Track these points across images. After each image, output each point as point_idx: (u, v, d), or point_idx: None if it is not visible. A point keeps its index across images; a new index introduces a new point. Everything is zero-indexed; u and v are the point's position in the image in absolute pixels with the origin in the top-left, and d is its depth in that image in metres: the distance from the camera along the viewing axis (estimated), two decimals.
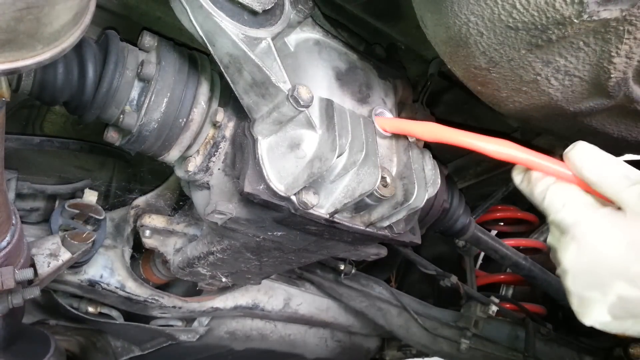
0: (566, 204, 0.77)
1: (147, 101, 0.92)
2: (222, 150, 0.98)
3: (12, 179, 1.23)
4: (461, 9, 0.74)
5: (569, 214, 0.76)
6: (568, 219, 0.76)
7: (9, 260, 0.89)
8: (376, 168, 0.91)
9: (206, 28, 0.84)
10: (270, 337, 1.96)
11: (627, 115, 0.84)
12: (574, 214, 0.76)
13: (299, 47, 1.01)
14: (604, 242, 0.73)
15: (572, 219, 0.76)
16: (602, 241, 0.73)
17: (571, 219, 0.76)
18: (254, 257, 1.14)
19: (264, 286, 1.76)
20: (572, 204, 0.77)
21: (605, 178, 0.75)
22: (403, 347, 2.36)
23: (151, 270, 1.48)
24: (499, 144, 0.83)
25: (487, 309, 1.93)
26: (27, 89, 0.85)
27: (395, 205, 0.96)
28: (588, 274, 0.75)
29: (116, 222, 1.41)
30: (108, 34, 0.93)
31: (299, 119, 0.89)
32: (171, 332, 1.67)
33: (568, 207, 0.77)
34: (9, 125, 0.77)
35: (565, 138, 1.04)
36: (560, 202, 0.78)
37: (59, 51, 0.60)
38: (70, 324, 1.64)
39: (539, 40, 0.72)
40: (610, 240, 0.72)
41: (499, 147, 0.83)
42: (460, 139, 0.87)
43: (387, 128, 1.01)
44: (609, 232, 0.73)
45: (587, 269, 0.75)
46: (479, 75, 0.85)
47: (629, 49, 0.68)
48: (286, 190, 0.89)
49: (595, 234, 0.74)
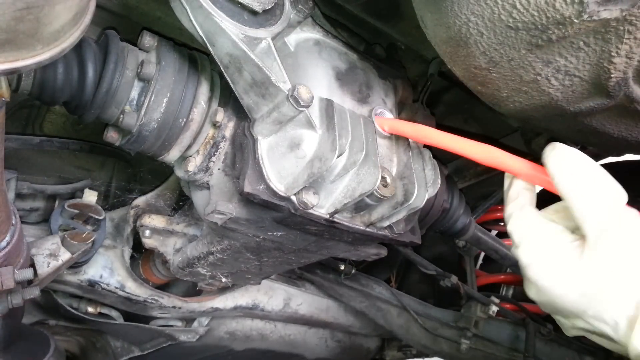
0: (522, 242, 0.75)
1: (147, 101, 0.92)
2: (222, 150, 0.98)
3: (12, 179, 1.23)
4: (461, 9, 0.74)
5: (524, 254, 0.74)
6: (523, 259, 0.74)
7: (9, 260, 0.89)
8: (376, 168, 0.91)
9: (206, 28, 0.84)
10: (270, 337, 1.96)
11: (627, 115, 0.84)
12: (528, 254, 0.74)
13: (299, 47, 1.01)
14: (557, 288, 0.71)
15: (526, 260, 0.74)
16: (555, 287, 0.71)
17: (526, 259, 0.74)
18: (254, 257, 1.14)
19: (264, 286, 1.76)
20: (528, 242, 0.74)
21: (577, 196, 0.70)
22: (403, 348, 2.36)
23: (151, 270, 1.48)
24: (485, 150, 0.83)
25: (487, 309, 1.93)
26: (27, 89, 0.85)
27: (395, 205, 0.96)
28: (551, 308, 0.75)
29: (116, 222, 1.41)
30: (108, 34, 0.93)
31: (299, 119, 0.89)
32: (171, 332, 1.67)
33: (524, 246, 0.75)
34: (9, 125, 0.77)
35: (566, 138, 1.04)
36: (518, 238, 0.76)
37: (59, 51, 0.60)
38: (70, 324, 1.64)
39: (539, 40, 0.72)
40: (564, 287, 0.70)
41: (484, 153, 0.83)
42: (445, 142, 0.87)
43: (385, 128, 1.01)
44: (562, 278, 0.70)
45: (549, 305, 0.75)
46: (479, 75, 0.85)
47: (629, 49, 0.68)
48: (286, 190, 0.89)
49: (549, 280, 0.72)
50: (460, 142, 0.86)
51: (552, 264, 0.72)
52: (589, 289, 0.68)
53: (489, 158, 0.82)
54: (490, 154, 0.82)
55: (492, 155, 0.82)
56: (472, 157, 0.84)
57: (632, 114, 0.82)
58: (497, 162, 0.82)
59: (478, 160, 0.84)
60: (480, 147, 0.84)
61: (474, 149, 0.84)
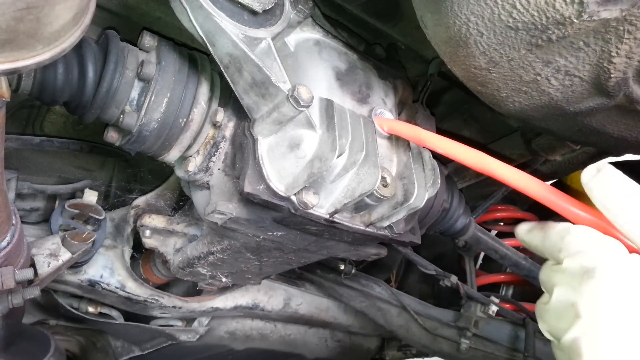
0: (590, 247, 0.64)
1: (147, 101, 0.92)
2: (222, 150, 0.98)
3: (12, 179, 1.23)
4: (461, 9, 0.74)
5: (594, 257, 0.63)
6: (592, 262, 0.62)
7: (9, 260, 0.89)
8: (376, 168, 0.91)
9: (206, 28, 0.84)
10: (270, 337, 1.96)
11: (627, 115, 0.84)
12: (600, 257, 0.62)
13: (299, 47, 1.01)
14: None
15: (597, 262, 0.62)
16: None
17: (596, 261, 0.62)
18: (254, 257, 1.14)
19: (264, 286, 1.76)
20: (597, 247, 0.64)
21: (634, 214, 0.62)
22: (403, 347, 2.36)
23: (151, 270, 1.48)
24: (476, 156, 0.82)
25: (487, 309, 1.92)
26: (27, 89, 0.85)
27: (395, 205, 0.96)
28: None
29: (116, 222, 1.41)
30: (108, 34, 0.93)
31: (299, 119, 0.89)
32: (171, 332, 1.67)
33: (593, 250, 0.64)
34: (9, 125, 0.77)
35: (565, 138, 1.04)
36: (582, 244, 0.65)
37: (59, 51, 0.60)
38: (70, 324, 1.64)
39: (539, 40, 0.72)
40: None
41: (475, 159, 0.82)
42: (437, 145, 0.88)
43: (384, 128, 1.01)
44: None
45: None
46: (479, 75, 0.85)
47: (629, 49, 0.68)
48: (286, 190, 0.89)
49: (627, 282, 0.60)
50: (452, 146, 0.86)
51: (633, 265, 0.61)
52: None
53: (479, 164, 0.82)
54: (480, 161, 0.82)
55: (482, 162, 0.82)
56: (463, 162, 0.84)
57: (632, 114, 0.82)
58: (487, 169, 0.81)
59: (469, 166, 0.84)
60: (471, 152, 0.83)
61: (465, 154, 0.84)
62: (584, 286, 0.61)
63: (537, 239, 0.73)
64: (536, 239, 0.74)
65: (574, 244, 0.66)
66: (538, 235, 0.73)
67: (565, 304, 0.63)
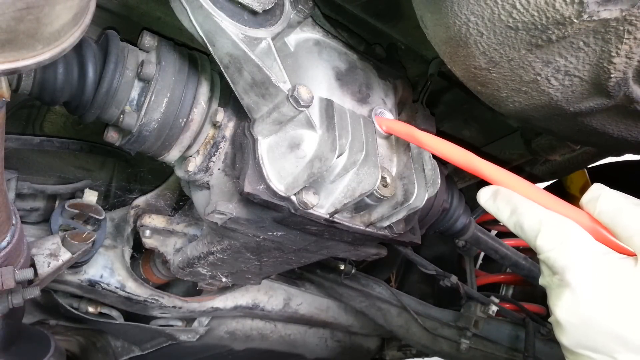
0: (564, 242, 0.65)
1: (147, 101, 0.92)
2: (222, 150, 0.98)
3: (12, 179, 1.23)
4: (461, 9, 0.74)
5: (566, 254, 0.64)
6: (563, 260, 0.64)
7: (9, 260, 0.89)
8: (376, 168, 0.91)
9: (206, 28, 0.84)
10: (270, 337, 1.96)
11: (627, 115, 0.83)
12: (572, 254, 0.64)
13: (299, 47, 1.01)
14: (604, 297, 0.60)
15: (568, 261, 0.64)
16: (601, 296, 0.60)
17: (567, 260, 0.64)
18: (254, 257, 1.14)
19: (264, 286, 1.76)
20: (571, 243, 0.65)
21: (621, 217, 0.63)
22: (403, 347, 2.36)
23: (151, 270, 1.48)
24: (464, 156, 0.82)
25: (487, 309, 1.93)
26: (27, 89, 0.85)
27: (395, 205, 0.96)
28: (584, 333, 0.62)
29: (116, 222, 1.42)
30: (108, 34, 0.93)
31: (299, 119, 0.89)
32: (171, 332, 1.67)
33: (566, 246, 0.65)
34: (9, 125, 0.77)
35: (565, 138, 1.04)
36: (558, 239, 0.66)
37: (59, 51, 0.60)
38: (70, 324, 1.64)
39: (539, 40, 0.72)
40: (612, 297, 0.60)
41: (463, 159, 0.82)
42: (429, 144, 0.87)
43: (384, 128, 1.01)
44: (612, 285, 0.60)
45: (583, 327, 0.62)
46: (479, 75, 0.85)
47: (629, 49, 0.68)
48: (286, 190, 0.89)
49: (595, 285, 0.61)
50: (441, 145, 0.86)
51: (602, 266, 0.62)
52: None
53: (467, 163, 0.82)
54: (468, 160, 0.82)
55: (470, 161, 0.82)
56: (452, 161, 0.84)
57: (632, 114, 0.82)
58: (475, 168, 0.81)
59: (458, 165, 0.84)
60: (460, 152, 0.83)
61: (453, 153, 0.84)
62: (557, 298, 0.65)
63: (505, 215, 0.74)
64: (503, 215, 0.74)
65: (546, 243, 0.68)
66: (505, 211, 0.74)
67: (547, 291, 0.68)
